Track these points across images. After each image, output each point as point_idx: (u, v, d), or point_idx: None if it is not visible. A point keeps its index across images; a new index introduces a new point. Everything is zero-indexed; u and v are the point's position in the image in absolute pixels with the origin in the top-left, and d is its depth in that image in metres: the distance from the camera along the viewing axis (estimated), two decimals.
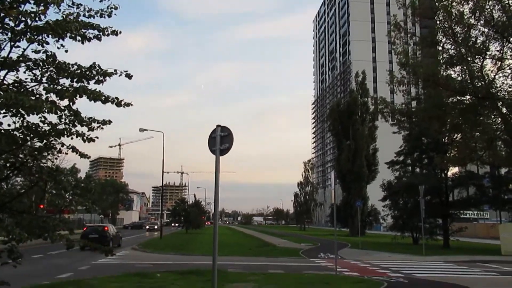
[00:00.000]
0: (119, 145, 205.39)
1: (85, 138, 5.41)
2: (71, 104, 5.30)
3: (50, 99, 5.24)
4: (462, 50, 18.87)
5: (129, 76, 5.55)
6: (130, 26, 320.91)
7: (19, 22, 5.10)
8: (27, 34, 5.17)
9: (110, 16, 5.52)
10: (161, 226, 45.19)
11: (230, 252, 22.42)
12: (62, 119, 5.28)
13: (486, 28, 18.51)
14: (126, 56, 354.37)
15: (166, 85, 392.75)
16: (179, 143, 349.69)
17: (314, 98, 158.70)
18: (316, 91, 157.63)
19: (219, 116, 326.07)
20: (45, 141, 5.38)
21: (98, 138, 5.51)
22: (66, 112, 5.28)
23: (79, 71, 5.35)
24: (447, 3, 18.59)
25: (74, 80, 5.36)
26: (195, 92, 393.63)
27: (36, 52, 5.27)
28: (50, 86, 5.30)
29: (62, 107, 5.25)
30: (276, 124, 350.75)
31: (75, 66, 5.36)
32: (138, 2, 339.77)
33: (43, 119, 5.26)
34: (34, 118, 5.21)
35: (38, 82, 5.34)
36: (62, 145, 5.49)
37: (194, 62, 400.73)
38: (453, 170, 32.06)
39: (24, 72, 5.30)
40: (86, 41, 5.47)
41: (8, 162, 5.45)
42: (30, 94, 5.23)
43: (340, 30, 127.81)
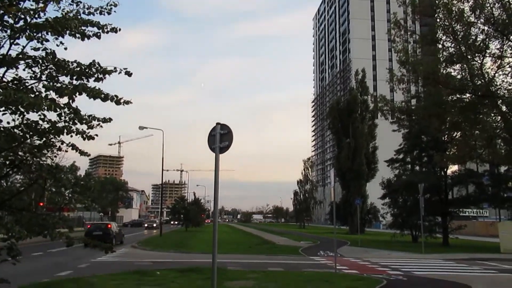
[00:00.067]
0: (119, 143, 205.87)
1: (84, 136, 5.41)
2: (71, 101, 5.30)
3: (49, 97, 5.23)
4: (462, 48, 18.84)
5: (128, 73, 5.54)
6: (130, 23, 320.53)
7: (19, 20, 5.09)
8: (27, 31, 5.16)
9: (109, 13, 5.51)
10: (160, 224, 45.18)
11: (230, 250, 22.44)
12: (62, 117, 5.28)
13: (486, 26, 18.48)
14: (126, 53, 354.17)
15: (165, 82, 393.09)
16: (179, 141, 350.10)
17: (314, 96, 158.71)
18: (316, 89, 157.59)
19: (219, 114, 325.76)
20: (44, 139, 5.37)
21: (97, 136, 5.51)
22: (66, 110, 5.27)
23: (79, 69, 5.35)
24: (448, 1, 18.55)
25: (74, 77, 5.35)
26: (195, 89, 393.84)
27: (35, 49, 5.27)
28: (50, 83, 5.29)
29: (61, 105, 5.25)
30: (275, 122, 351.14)
31: (75, 64, 5.36)
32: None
33: (43, 117, 5.26)
34: (34, 116, 5.21)
35: (38, 79, 5.33)
36: (62, 142, 5.49)
37: (193, 59, 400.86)
38: (452, 168, 32.11)
39: (23, 69, 5.30)
40: (86, 38, 5.46)
41: (7, 160, 5.44)
42: (30, 92, 5.22)
43: (340, 28, 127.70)
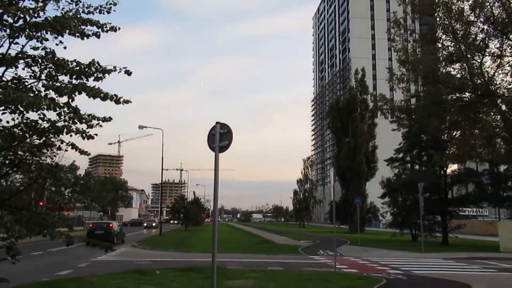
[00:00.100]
0: (119, 142, 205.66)
1: (84, 135, 5.40)
2: (70, 101, 5.30)
3: (49, 96, 5.23)
4: (461, 47, 18.83)
5: (128, 72, 5.54)
6: (129, 22, 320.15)
7: (18, 19, 5.09)
8: (26, 30, 5.16)
9: (109, 12, 5.51)
10: (160, 223, 45.15)
11: (230, 249, 22.44)
12: (62, 116, 5.27)
13: (485, 25, 18.47)
14: (125, 52, 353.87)
15: (165, 81, 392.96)
16: (179, 140, 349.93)
17: (314, 95, 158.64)
18: (315, 88, 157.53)
19: (219, 113, 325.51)
20: (44, 138, 5.37)
21: (97, 135, 5.51)
22: (65, 109, 5.27)
23: (78, 68, 5.35)
24: (447, 0, 18.55)
25: (73, 77, 5.35)
26: (195, 89, 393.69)
27: (35, 48, 5.27)
28: (49, 82, 5.29)
29: (61, 104, 5.25)
30: (275, 121, 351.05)
31: (74, 63, 5.36)
32: None
33: (42, 116, 5.26)
34: (33, 115, 5.21)
35: (37, 78, 5.33)
36: (62, 142, 5.49)
37: (193, 58, 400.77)
38: (452, 167, 32.09)
39: (23, 68, 5.30)
40: (85, 37, 5.46)
41: (7, 159, 5.44)
42: (29, 91, 5.22)
43: (339, 27, 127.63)
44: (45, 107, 4.98)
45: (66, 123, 5.29)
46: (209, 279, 8.65)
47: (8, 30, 5.12)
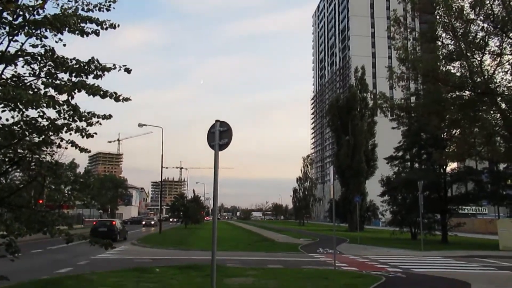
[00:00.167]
0: (118, 140, 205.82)
1: (83, 134, 5.39)
2: (70, 98, 5.29)
3: (48, 94, 5.23)
4: (461, 45, 18.84)
5: (128, 70, 5.53)
6: (129, 20, 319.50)
7: (17, 16, 5.08)
8: (25, 28, 5.15)
9: (108, 9, 5.50)
10: (159, 221, 45.14)
11: (229, 247, 22.46)
12: (61, 114, 5.27)
13: (485, 23, 18.48)
14: (125, 50, 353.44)
15: (165, 79, 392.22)
16: (178, 139, 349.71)
17: (314, 93, 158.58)
18: (315, 87, 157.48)
19: (218, 111, 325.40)
20: (43, 136, 5.36)
21: (97, 134, 5.49)
22: (65, 107, 5.27)
23: (78, 66, 5.34)
24: None
25: (73, 74, 5.35)
26: (194, 87, 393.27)
27: (34, 46, 5.26)
28: (49, 80, 5.29)
29: (60, 102, 5.24)
30: (275, 119, 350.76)
31: (74, 61, 5.35)
32: None
33: (42, 114, 5.25)
34: (33, 112, 5.21)
35: (37, 76, 5.32)
36: (61, 140, 5.48)
37: (193, 56, 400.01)
38: (451, 166, 32.17)
39: (22, 66, 5.29)
40: (85, 35, 5.45)
41: (7, 157, 5.44)
42: (29, 89, 5.21)
43: (339, 25, 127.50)
44: (44, 105, 4.98)
45: (66, 121, 5.28)
46: (208, 277, 8.67)
47: (7, 28, 5.11)
